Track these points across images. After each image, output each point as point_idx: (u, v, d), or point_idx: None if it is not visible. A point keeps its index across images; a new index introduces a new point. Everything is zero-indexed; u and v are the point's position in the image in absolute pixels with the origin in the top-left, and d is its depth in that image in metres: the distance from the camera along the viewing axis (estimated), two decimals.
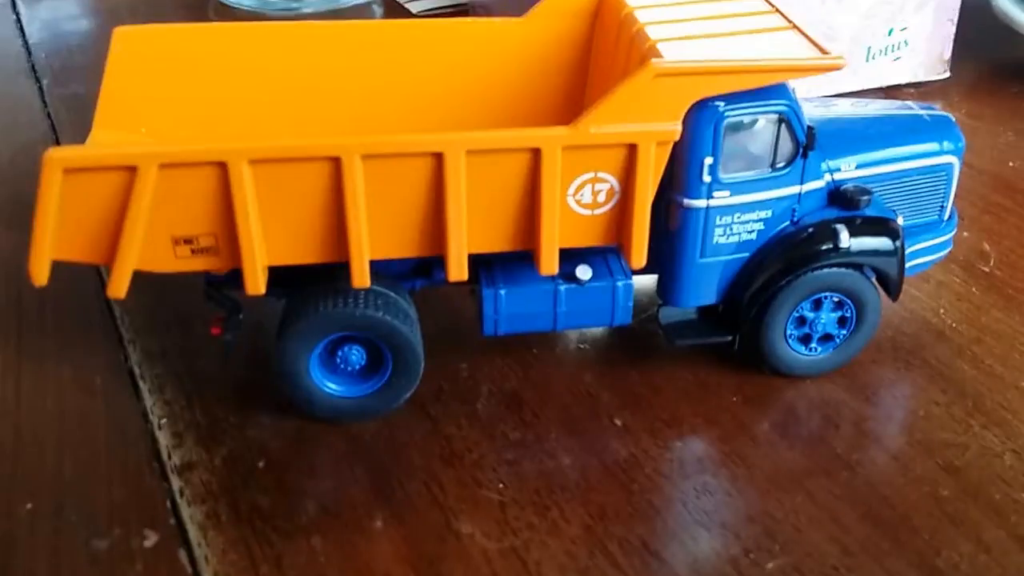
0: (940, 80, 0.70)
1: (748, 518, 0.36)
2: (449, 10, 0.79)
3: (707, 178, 0.38)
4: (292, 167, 0.34)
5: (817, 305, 0.41)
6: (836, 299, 0.41)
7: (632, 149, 0.35)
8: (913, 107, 0.45)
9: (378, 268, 0.38)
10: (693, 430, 0.40)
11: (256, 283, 0.36)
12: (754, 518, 0.36)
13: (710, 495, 0.37)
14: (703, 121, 0.37)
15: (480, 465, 0.38)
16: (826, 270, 0.40)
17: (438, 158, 0.34)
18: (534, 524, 0.36)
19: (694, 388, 0.42)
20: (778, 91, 0.37)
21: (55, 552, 0.35)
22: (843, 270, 0.41)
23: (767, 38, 0.37)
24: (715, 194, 0.38)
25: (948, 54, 0.69)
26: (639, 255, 0.38)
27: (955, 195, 0.45)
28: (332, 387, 0.39)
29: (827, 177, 0.41)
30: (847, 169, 0.41)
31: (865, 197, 0.40)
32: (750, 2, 0.40)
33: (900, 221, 0.42)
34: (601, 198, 0.36)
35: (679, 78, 0.34)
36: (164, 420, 0.40)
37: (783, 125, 0.38)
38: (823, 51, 0.36)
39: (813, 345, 0.42)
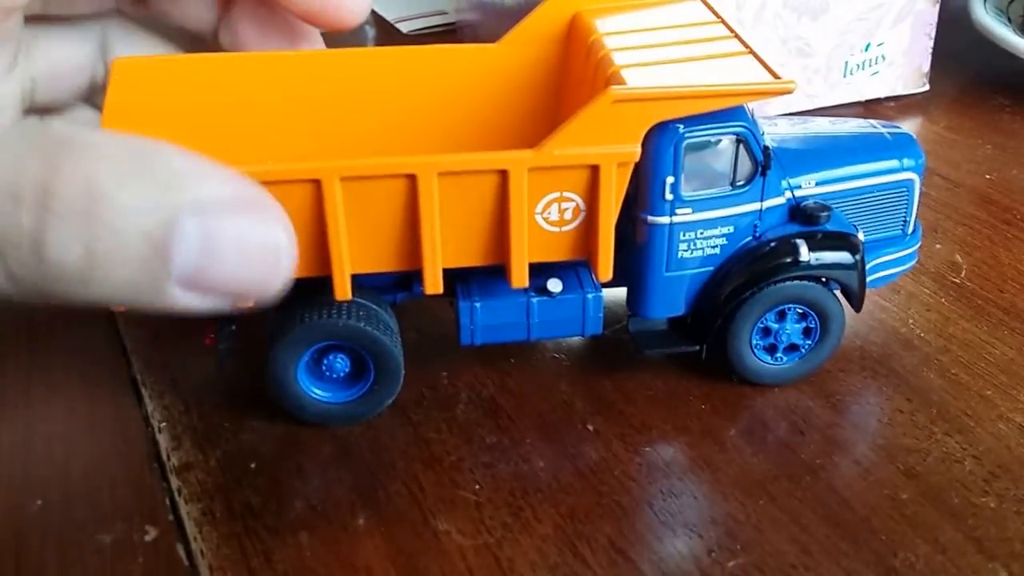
0: (919, 93, 0.71)
1: (711, 519, 0.38)
2: (438, 29, 0.80)
3: (669, 196, 0.40)
4: (276, 189, 0.36)
5: (781, 316, 0.43)
6: (800, 311, 0.43)
7: (595, 170, 0.37)
8: (876, 126, 0.47)
9: (361, 282, 0.40)
10: (662, 436, 0.42)
11: None
12: (717, 519, 0.38)
13: (676, 497, 0.39)
14: (664, 142, 0.39)
15: (458, 467, 0.40)
16: (788, 283, 0.42)
17: (411, 179, 0.37)
18: (508, 523, 0.38)
19: (664, 396, 0.44)
20: (735, 113, 0.39)
21: (63, 545, 0.37)
22: (805, 283, 0.42)
23: (724, 63, 0.39)
24: (678, 211, 0.40)
25: (927, 67, 0.70)
26: (606, 269, 0.40)
27: (918, 209, 0.46)
28: (319, 393, 0.42)
29: (788, 194, 0.43)
30: (807, 186, 0.43)
31: (824, 213, 0.42)
32: (711, 28, 0.42)
33: (860, 236, 0.43)
34: (567, 215, 0.39)
35: (637, 103, 0.36)
36: (164, 424, 0.43)
37: (741, 145, 0.40)
38: (775, 76, 0.38)
39: (779, 355, 0.44)
